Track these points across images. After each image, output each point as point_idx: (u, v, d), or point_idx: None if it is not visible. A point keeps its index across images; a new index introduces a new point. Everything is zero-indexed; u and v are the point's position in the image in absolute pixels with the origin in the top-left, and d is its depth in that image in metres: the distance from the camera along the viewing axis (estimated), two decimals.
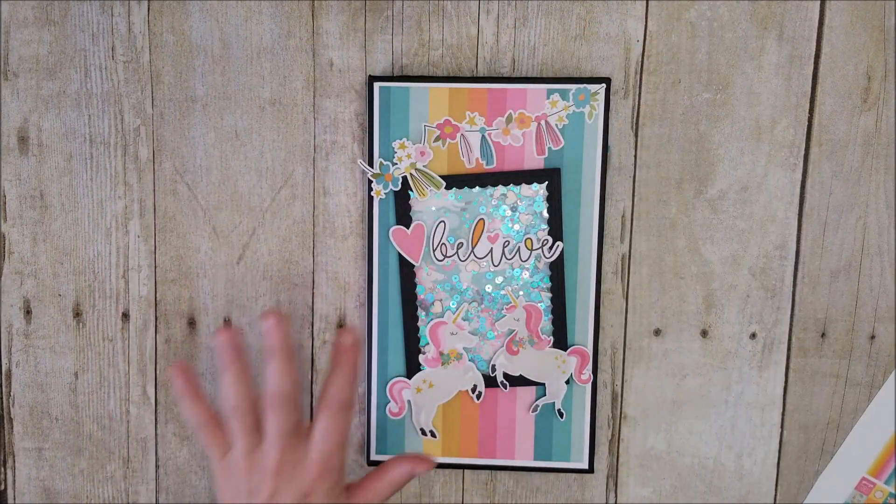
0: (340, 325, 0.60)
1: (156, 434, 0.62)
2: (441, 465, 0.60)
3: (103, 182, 0.60)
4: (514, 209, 0.57)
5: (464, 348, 0.58)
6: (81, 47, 0.58)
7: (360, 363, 0.54)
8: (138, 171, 0.59)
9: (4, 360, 0.61)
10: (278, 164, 0.59)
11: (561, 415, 0.59)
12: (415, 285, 0.58)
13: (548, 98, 0.56)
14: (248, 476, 0.51)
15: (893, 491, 0.62)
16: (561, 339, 0.58)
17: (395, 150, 0.56)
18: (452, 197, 0.57)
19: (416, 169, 0.57)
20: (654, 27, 0.58)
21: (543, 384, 0.58)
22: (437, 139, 0.57)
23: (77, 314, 0.61)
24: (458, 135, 0.57)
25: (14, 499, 0.62)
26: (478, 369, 0.58)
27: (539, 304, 0.57)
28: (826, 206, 0.59)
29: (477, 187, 0.57)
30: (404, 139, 0.56)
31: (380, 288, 0.58)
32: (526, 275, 0.57)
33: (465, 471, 0.62)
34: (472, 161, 0.57)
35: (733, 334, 0.60)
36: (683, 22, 0.58)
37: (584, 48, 0.58)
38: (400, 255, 0.57)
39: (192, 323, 0.61)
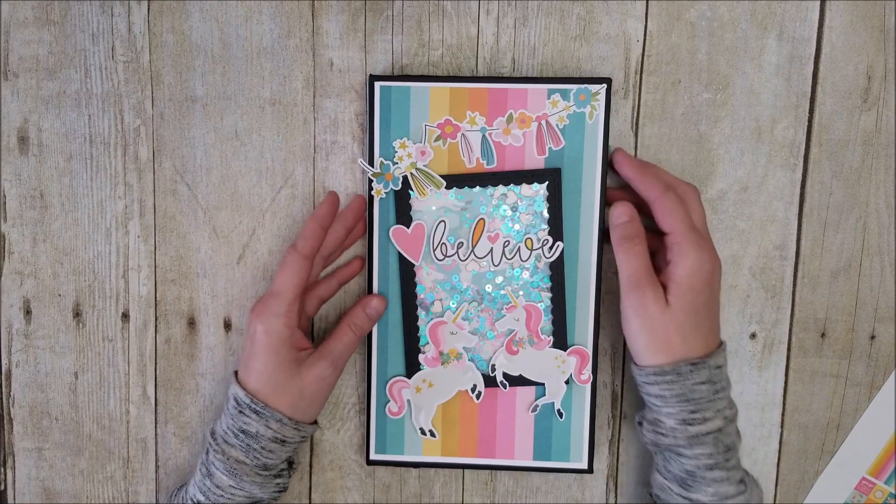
0: None
1: (156, 434, 0.62)
2: (441, 465, 0.60)
3: (103, 182, 0.60)
4: (514, 209, 0.57)
5: (463, 348, 0.58)
6: (81, 47, 0.58)
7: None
8: (138, 171, 0.59)
9: (4, 360, 0.61)
10: (278, 164, 0.59)
11: (560, 415, 0.59)
12: (415, 285, 0.58)
13: (548, 98, 0.56)
14: None
15: (893, 491, 0.62)
16: (561, 339, 0.58)
17: (396, 149, 0.56)
18: (453, 196, 0.57)
19: (416, 168, 0.57)
20: (654, 27, 0.58)
21: (543, 384, 0.58)
22: (437, 139, 0.57)
23: (77, 314, 0.61)
24: (459, 134, 0.57)
25: (14, 499, 0.62)
26: (477, 369, 0.58)
27: (539, 304, 0.57)
28: (826, 206, 0.59)
29: (477, 187, 0.57)
30: (405, 139, 0.56)
31: (380, 287, 0.58)
32: (526, 275, 0.57)
33: (466, 471, 0.62)
34: (472, 161, 0.57)
35: (733, 334, 0.60)
36: (683, 22, 0.58)
37: (584, 48, 0.58)
38: (400, 254, 0.57)
39: (192, 323, 0.61)
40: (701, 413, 0.52)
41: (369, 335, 0.58)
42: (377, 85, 0.56)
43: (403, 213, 0.57)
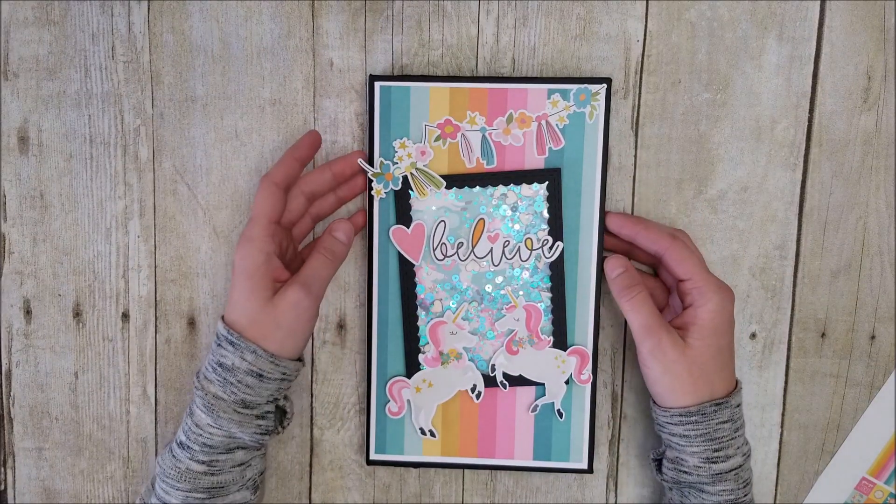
0: (340, 325, 0.60)
1: (156, 434, 0.62)
2: (441, 465, 0.60)
3: (103, 182, 0.60)
4: (514, 209, 0.57)
5: (463, 348, 0.58)
6: (81, 47, 0.58)
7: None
8: (138, 171, 0.59)
9: (4, 360, 0.61)
10: None
11: (560, 415, 0.59)
12: (415, 285, 0.58)
13: (548, 98, 0.56)
14: None
15: (893, 491, 0.62)
16: (561, 339, 0.58)
17: (396, 149, 0.56)
18: (453, 196, 0.57)
19: (416, 168, 0.57)
20: (654, 27, 0.58)
21: (543, 384, 0.58)
22: (437, 139, 0.57)
23: (77, 314, 0.61)
24: (459, 134, 0.57)
25: (14, 499, 0.62)
26: (477, 369, 0.58)
27: (539, 304, 0.57)
28: (826, 206, 0.59)
29: (477, 187, 0.57)
30: (405, 138, 0.56)
31: (380, 287, 0.58)
32: (526, 275, 0.57)
33: (466, 471, 0.62)
34: (472, 161, 0.57)
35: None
36: (683, 22, 0.58)
37: (584, 48, 0.58)
38: (400, 254, 0.57)
39: (192, 323, 0.61)
40: (724, 451, 0.53)
41: (369, 335, 0.58)
42: (377, 85, 0.56)
43: (403, 213, 0.57)
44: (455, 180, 0.57)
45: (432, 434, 0.59)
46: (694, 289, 0.54)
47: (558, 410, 0.59)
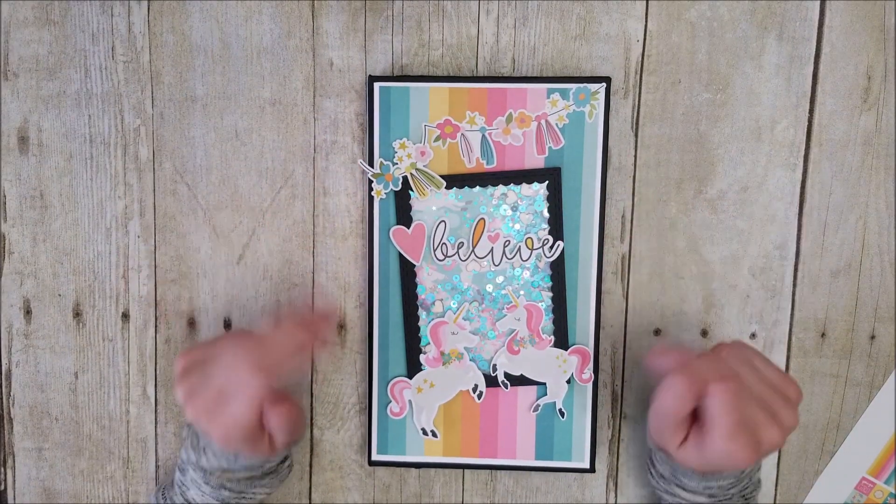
0: (341, 326, 0.60)
1: (156, 434, 0.62)
2: (442, 465, 0.60)
3: (103, 182, 0.60)
4: (514, 209, 0.57)
5: (465, 348, 0.58)
6: (81, 47, 0.58)
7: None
8: (138, 171, 0.59)
9: (4, 360, 0.61)
10: (278, 164, 0.59)
11: (562, 414, 0.59)
12: (415, 285, 0.58)
13: (548, 97, 0.56)
14: None
15: (893, 491, 0.62)
16: (562, 339, 0.58)
17: (396, 149, 0.56)
18: (453, 196, 0.57)
19: (416, 169, 0.57)
20: (654, 27, 0.58)
21: (544, 383, 0.58)
22: (437, 139, 0.57)
23: (77, 314, 0.61)
24: (459, 134, 0.57)
25: (14, 499, 0.62)
26: (479, 369, 0.58)
27: (540, 304, 0.57)
28: (826, 206, 0.59)
29: (477, 187, 0.57)
30: (404, 139, 0.56)
31: (380, 288, 0.58)
32: (526, 274, 0.57)
33: (466, 471, 0.62)
34: (472, 161, 0.57)
35: (733, 334, 0.60)
36: (683, 22, 0.58)
37: (584, 48, 0.58)
38: (400, 254, 0.57)
39: (192, 323, 0.61)
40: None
41: (370, 335, 0.58)
42: (376, 85, 0.56)
43: (404, 213, 0.57)
44: (455, 180, 0.57)
45: (434, 434, 0.59)
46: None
47: (560, 410, 0.59)
